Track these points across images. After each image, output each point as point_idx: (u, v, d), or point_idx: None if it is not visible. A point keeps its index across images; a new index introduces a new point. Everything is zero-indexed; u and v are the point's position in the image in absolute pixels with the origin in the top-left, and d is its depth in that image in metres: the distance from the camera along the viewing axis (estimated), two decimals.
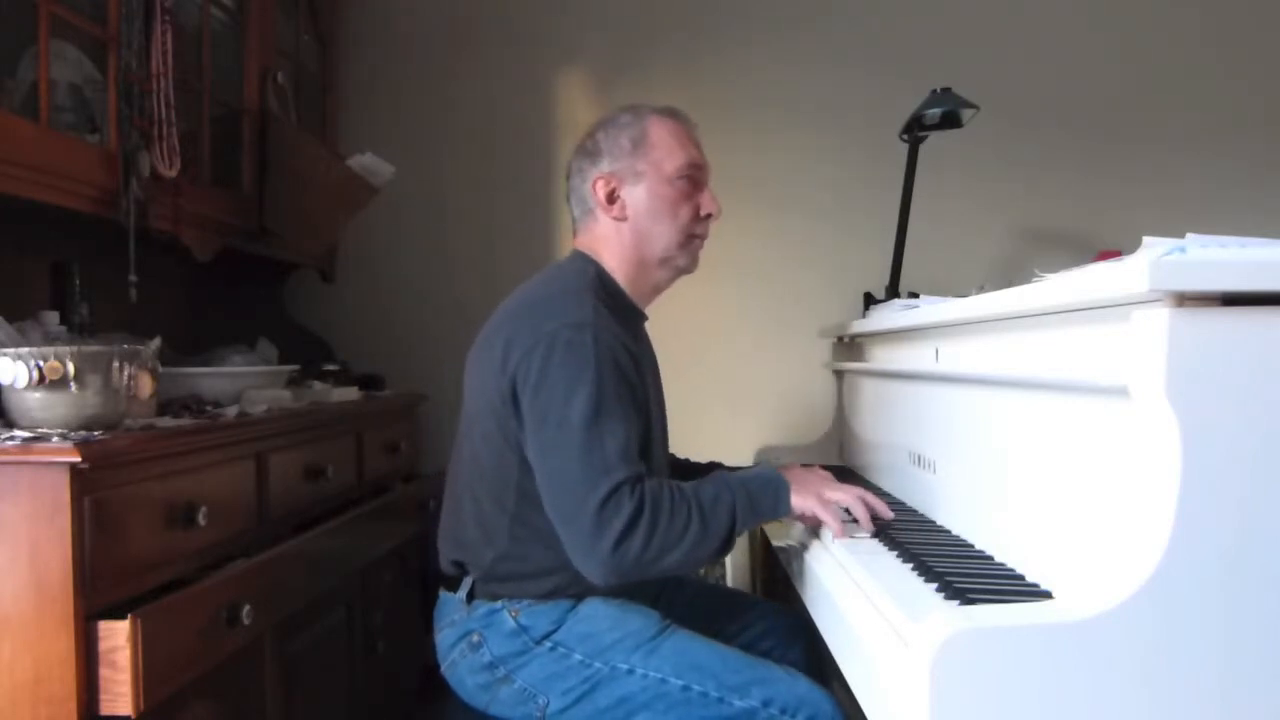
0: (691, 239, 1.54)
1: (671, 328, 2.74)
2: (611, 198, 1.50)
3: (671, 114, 1.55)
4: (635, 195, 1.50)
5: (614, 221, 1.51)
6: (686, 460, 1.81)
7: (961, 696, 0.82)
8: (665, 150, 1.50)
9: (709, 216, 1.54)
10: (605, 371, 1.32)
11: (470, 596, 1.43)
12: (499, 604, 1.41)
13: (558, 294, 1.42)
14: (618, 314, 1.45)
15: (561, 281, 1.46)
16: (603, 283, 1.49)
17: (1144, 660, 0.83)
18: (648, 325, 1.63)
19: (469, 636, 1.42)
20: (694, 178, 1.53)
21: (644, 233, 1.51)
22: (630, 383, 1.36)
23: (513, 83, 2.82)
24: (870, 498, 1.43)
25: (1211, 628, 0.83)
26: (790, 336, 2.75)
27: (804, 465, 1.70)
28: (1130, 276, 0.86)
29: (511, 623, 1.39)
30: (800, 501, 1.38)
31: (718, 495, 1.33)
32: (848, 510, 1.41)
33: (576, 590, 1.40)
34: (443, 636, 1.47)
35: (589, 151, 1.53)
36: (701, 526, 1.29)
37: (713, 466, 1.80)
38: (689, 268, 1.57)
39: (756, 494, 1.36)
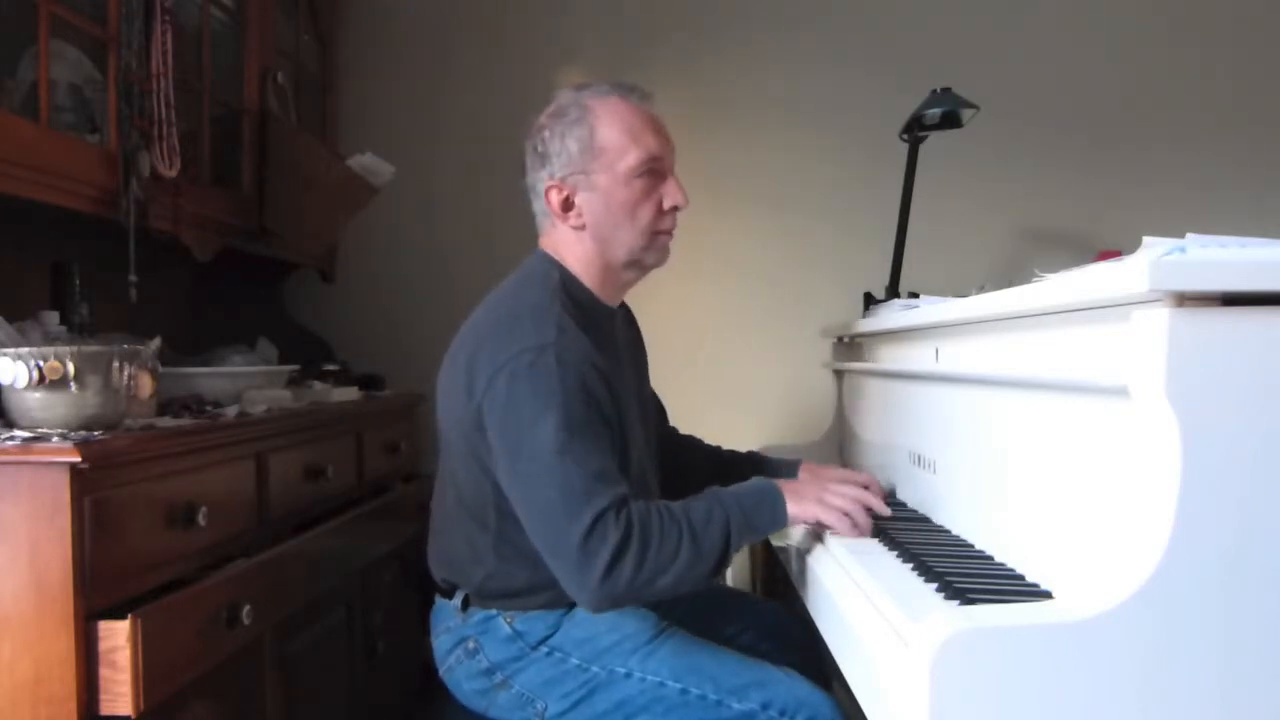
0: (657, 236, 1.44)
1: (671, 327, 2.75)
2: (566, 205, 1.42)
3: (620, 95, 1.42)
4: (591, 202, 1.41)
5: (572, 229, 1.43)
6: (718, 450, 1.78)
7: (961, 696, 0.82)
8: (617, 149, 1.39)
9: (674, 208, 1.43)
10: (572, 395, 1.26)
11: (465, 604, 1.43)
12: (494, 610, 1.40)
13: (523, 311, 1.35)
14: (585, 320, 1.38)
15: (526, 295, 1.39)
16: (568, 290, 1.41)
17: (1144, 660, 0.83)
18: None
19: (465, 643, 1.41)
20: (654, 169, 1.41)
21: (605, 239, 1.42)
22: (599, 402, 1.30)
23: (513, 83, 2.81)
24: (867, 498, 1.40)
25: (1211, 628, 0.83)
26: (790, 336, 2.74)
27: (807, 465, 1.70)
28: (1130, 276, 0.86)
29: (507, 629, 1.39)
30: (798, 510, 1.35)
31: (710, 513, 1.28)
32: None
33: (569, 602, 1.38)
34: (439, 642, 1.46)
35: (538, 153, 1.44)
36: (694, 547, 1.25)
37: (751, 457, 1.77)
38: (658, 263, 1.47)
39: (752, 510, 1.32)
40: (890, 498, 1.59)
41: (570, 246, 1.46)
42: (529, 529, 1.29)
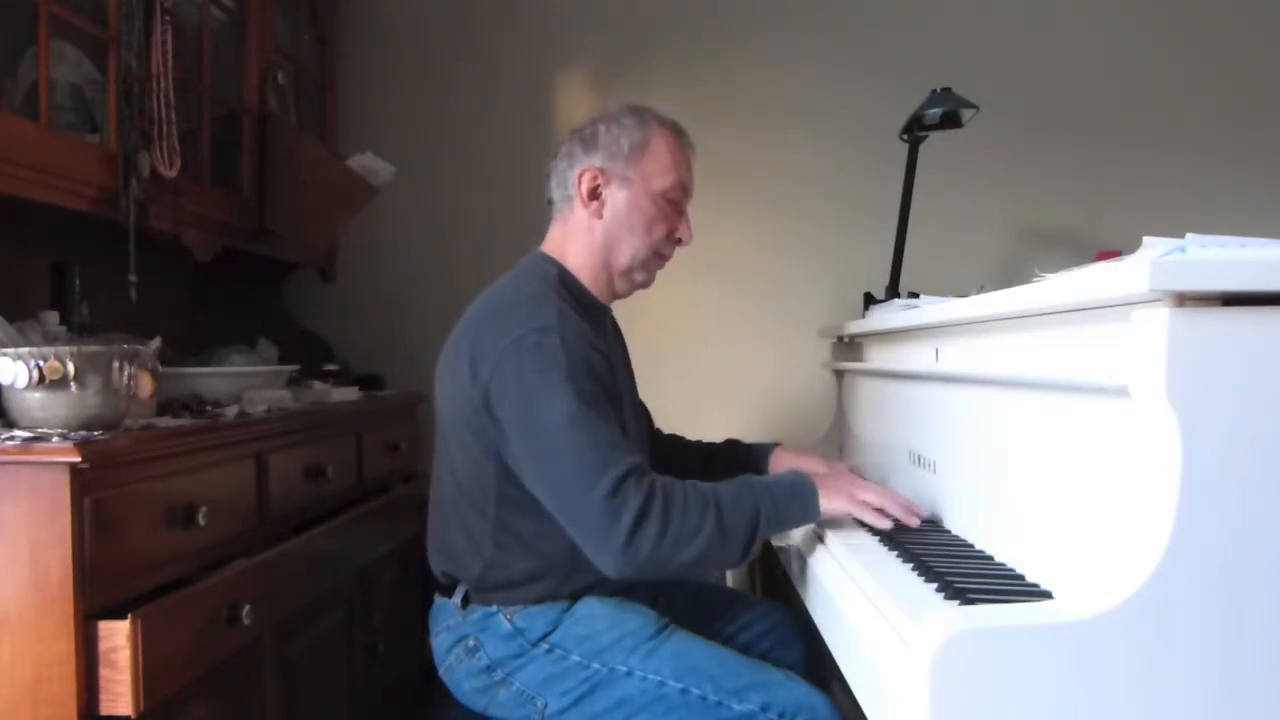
0: (656, 257, 1.53)
1: (671, 327, 2.76)
2: (594, 194, 1.49)
3: (676, 131, 1.54)
4: (617, 199, 1.49)
5: (589, 217, 1.49)
6: (699, 443, 1.80)
7: (961, 696, 0.82)
8: (659, 166, 1.49)
9: (679, 241, 1.54)
10: (578, 370, 1.31)
11: (465, 602, 1.43)
12: (494, 608, 1.41)
13: (521, 299, 1.40)
14: (582, 312, 1.44)
15: (523, 286, 1.44)
16: (564, 283, 1.47)
17: (1143, 660, 0.83)
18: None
19: (465, 640, 1.42)
20: (677, 202, 1.52)
21: (614, 239, 1.49)
22: (602, 380, 1.35)
23: (513, 83, 2.82)
24: (900, 497, 1.41)
25: (1210, 628, 0.83)
26: (790, 336, 2.74)
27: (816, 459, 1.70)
28: (1130, 276, 0.86)
29: (507, 626, 1.39)
30: (831, 504, 1.36)
31: (739, 496, 1.30)
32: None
33: (569, 592, 1.40)
34: (439, 641, 1.46)
35: (585, 139, 1.51)
36: (718, 525, 1.26)
37: (730, 445, 1.79)
38: (644, 284, 1.56)
39: (783, 499, 1.33)
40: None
41: (578, 236, 1.51)
42: (553, 507, 1.31)
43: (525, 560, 1.38)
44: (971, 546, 1.31)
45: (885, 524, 1.36)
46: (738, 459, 1.75)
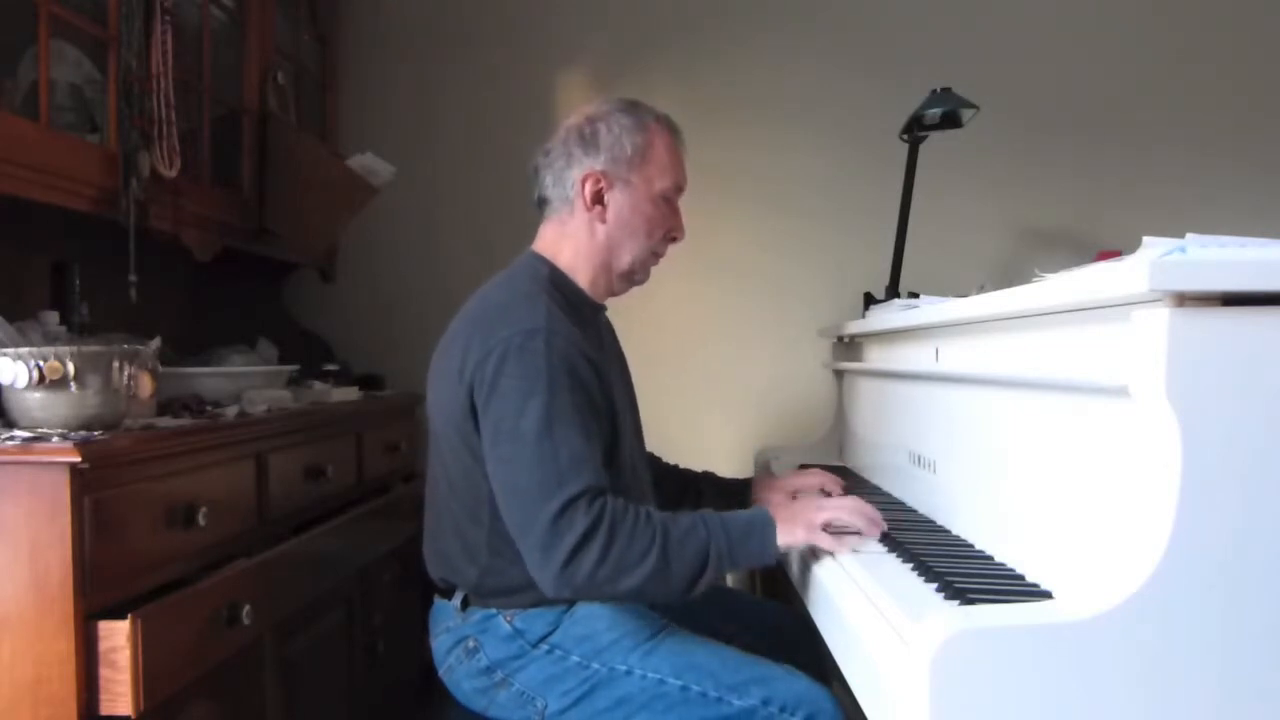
0: (654, 256, 1.53)
1: (671, 327, 2.76)
2: (598, 198, 1.47)
3: (670, 127, 1.53)
4: (619, 203, 1.47)
5: (591, 221, 1.48)
6: (676, 467, 1.79)
7: (961, 696, 0.82)
8: (660, 167, 1.48)
9: (674, 240, 1.54)
10: (559, 379, 1.29)
11: (464, 604, 1.43)
12: (493, 609, 1.40)
13: (513, 299, 1.40)
14: (574, 313, 1.42)
15: (515, 286, 1.44)
16: (555, 283, 1.45)
17: (1143, 661, 0.83)
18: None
19: (465, 642, 1.42)
20: (673, 200, 1.52)
21: (616, 242, 1.48)
22: (588, 389, 1.33)
23: (513, 83, 2.82)
24: (864, 507, 1.38)
25: (1210, 628, 0.83)
26: (790, 336, 2.74)
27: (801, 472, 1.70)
28: (1130, 276, 0.86)
29: (507, 627, 1.39)
30: (788, 539, 1.32)
31: (692, 530, 1.27)
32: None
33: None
34: (439, 642, 1.46)
35: (585, 139, 1.47)
36: (662, 557, 1.24)
37: (705, 476, 1.79)
38: (639, 283, 1.56)
39: (739, 537, 1.29)
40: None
41: (576, 239, 1.49)
42: (503, 509, 1.31)
43: (521, 567, 1.35)
44: (971, 546, 1.31)
45: (843, 551, 1.32)
46: (717, 489, 1.75)
